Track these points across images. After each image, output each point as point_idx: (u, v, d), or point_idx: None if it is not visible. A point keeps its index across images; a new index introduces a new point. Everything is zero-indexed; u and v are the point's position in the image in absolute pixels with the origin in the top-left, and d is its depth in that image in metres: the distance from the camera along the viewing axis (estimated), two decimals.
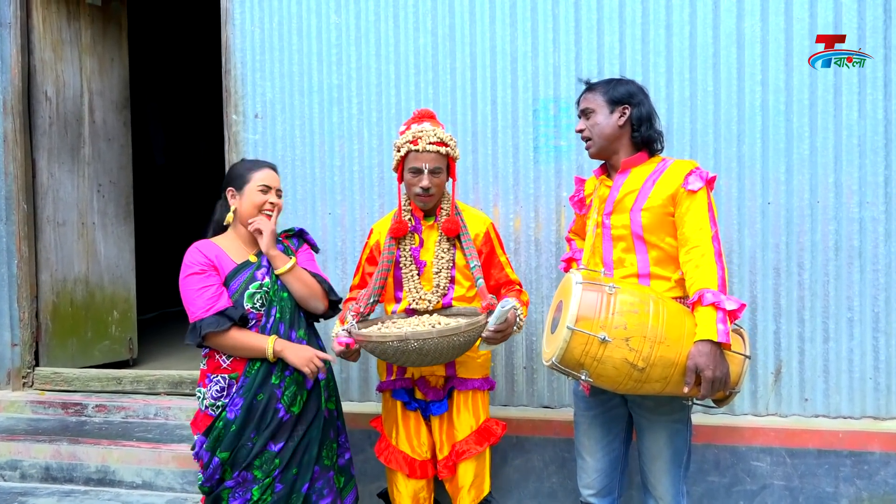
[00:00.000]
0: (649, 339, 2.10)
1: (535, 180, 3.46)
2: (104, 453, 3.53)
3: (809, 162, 3.19)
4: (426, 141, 2.67)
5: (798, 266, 3.22)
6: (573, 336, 2.10)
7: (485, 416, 2.87)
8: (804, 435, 3.15)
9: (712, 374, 2.09)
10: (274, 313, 2.65)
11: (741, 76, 3.24)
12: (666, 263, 2.36)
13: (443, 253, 2.79)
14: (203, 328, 2.50)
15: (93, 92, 4.58)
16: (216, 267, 2.59)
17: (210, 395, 2.62)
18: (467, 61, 3.53)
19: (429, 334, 2.39)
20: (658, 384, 2.14)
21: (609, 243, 2.44)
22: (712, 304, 2.15)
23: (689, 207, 2.29)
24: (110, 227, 4.71)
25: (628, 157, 2.42)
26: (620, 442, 2.56)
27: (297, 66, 3.74)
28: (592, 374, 2.14)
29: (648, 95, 2.46)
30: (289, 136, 3.76)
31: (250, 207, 2.64)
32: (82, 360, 4.51)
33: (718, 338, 2.10)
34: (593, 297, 2.13)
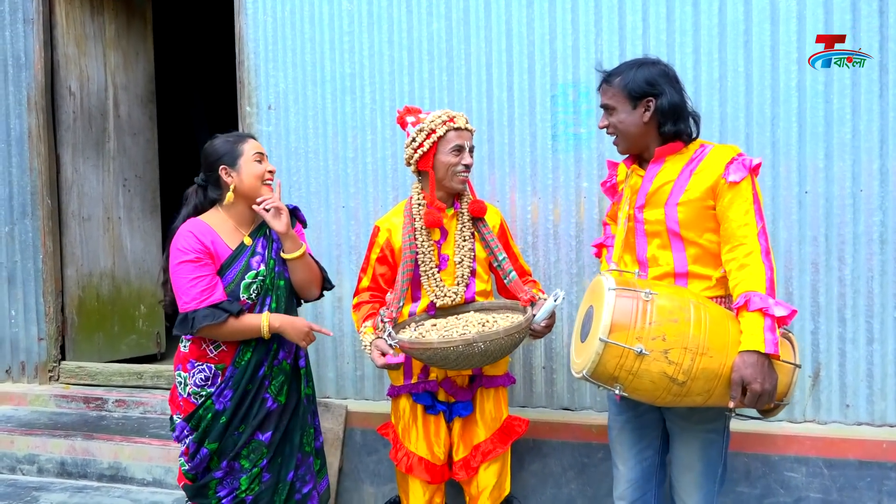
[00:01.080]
0: (690, 351, 1.91)
1: (553, 170, 3.28)
2: (116, 450, 3.51)
3: (851, 147, 2.92)
4: (464, 120, 2.63)
5: (839, 260, 2.95)
6: (606, 349, 1.93)
7: (507, 412, 2.77)
8: (844, 444, 2.89)
9: (760, 387, 1.91)
10: (269, 302, 2.56)
11: (775, 54, 2.98)
12: (706, 261, 2.16)
13: (464, 242, 2.67)
14: (197, 321, 2.39)
15: (117, 86, 4.58)
16: (212, 254, 2.46)
17: (194, 382, 2.53)
18: (482, 46, 3.36)
19: (496, 334, 2.30)
20: (700, 397, 1.96)
21: (643, 239, 2.25)
22: (760, 310, 1.95)
23: (732, 201, 2.08)
24: (136, 222, 4.72)
25: (661, 147, 2.21)
26: (655, 451, 2.37)
27: (310, 56, 3.64)
28: (627, 388, 1.97)
29: (675, 77, 2.23)
30: (302, 128, 3.67)
31: (252, 180, 2.50)
32: (109, 355, 4.53)
33: (766, 348, 1.91)
34: (628, 305, 1.94)
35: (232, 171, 2.50)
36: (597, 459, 3.16)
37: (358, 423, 3.50)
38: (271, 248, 2.58)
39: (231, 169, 2.50)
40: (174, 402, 2.64)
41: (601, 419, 3.18)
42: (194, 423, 2.53)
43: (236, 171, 2.50)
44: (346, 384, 3.63)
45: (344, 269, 3.60)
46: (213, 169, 2.53)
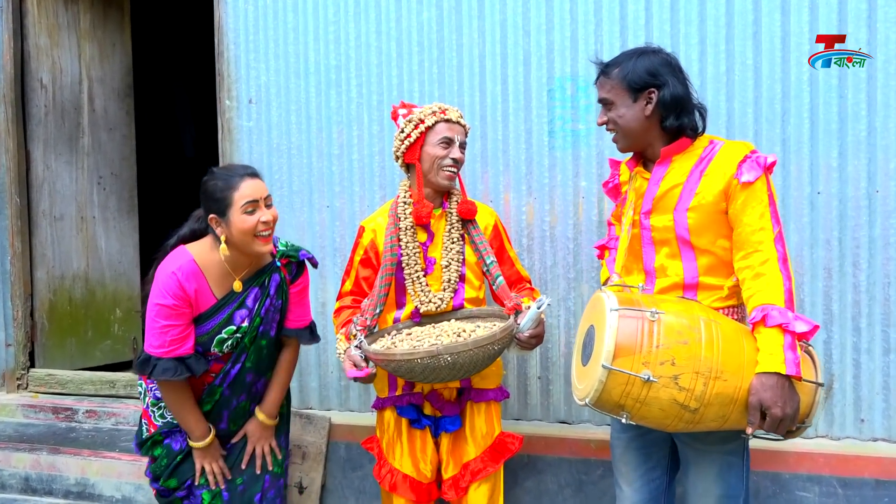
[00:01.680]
0: (703, 375, 1.74)
1: (550, 168, 3.09)
2: (84, 465, 3.30)
3: (867, 145, 2.74)
4: (456, 113, 2.47)
5: (853, 266, 2.77)
6: (610, 376, 1.75)
7: (499, 429, 2.58)
8: (859, 462, 2.71)
9: (781, 411, 1.74)
10: (243, 360, 2.39)
11: (786, 46, 2.80)
12: (718, 270, 1.98)
13: (452, 244, 2.49)
14: (158, 371, 2.24)
15: (92, 79, 4.36)
16: (191, 304, 2.27)
17: (153, 394, 2.43)
18: (475, 37, 3.17)
19: (464, 346, 2.10)
20: (714, 423, 1.79)
21: (650, 247, 2.06)
22: (779, 326, 1.77)
23: (746, 203, 1.90)
24: (112, 222, 4.50)
25: (667, 146, 2.02)
26: (663, 471, 2.19)
27: (293, 46, 3.44)
28: (635, 416, 1.80)
29: (678, 66, 2.05)
30: (284, 123, 3.47)
31: (241, 235, 2.25)
32: (82, 361, 4.32)
33: (787, 369, 1.74)
34: (632, 326, 1.77)
35: (222, 222, 2.27)
36: (595, 476, 2.97)
37: (342, 436, 3.30)
38: (263, 304, 2.38)
39: (221, 220, 2.27)
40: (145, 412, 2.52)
41: (600, 433, 2.99)
42: (145, 451, 2.44)
43: (226, 222, 2.26)
44: (329, 394, 3.43)
45: (328, 273, 3.40)
46: (206, 214, 2.32)
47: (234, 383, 2.40)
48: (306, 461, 3.29)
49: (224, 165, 2.51)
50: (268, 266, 2.42)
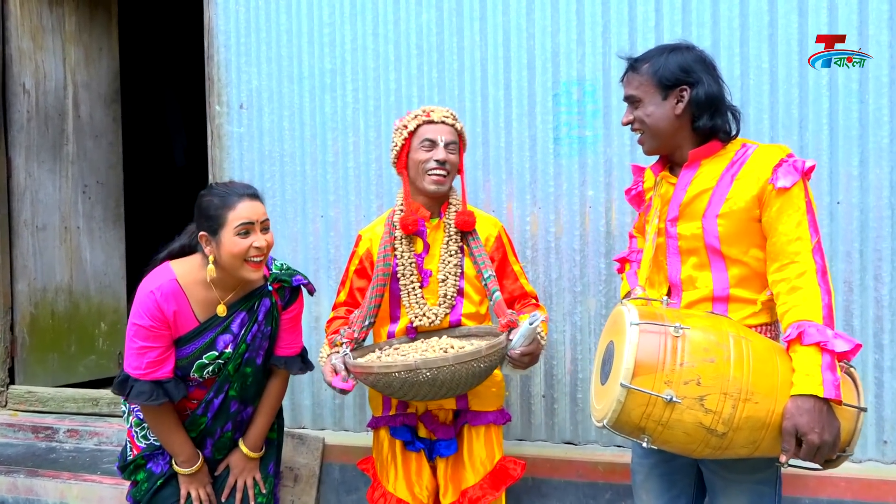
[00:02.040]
0: (731, 396, 1.59)
1: (555, 177, 2.95)
2: (63, 489, 3.13)
3: (889, 152, 2.61)
4: (440, 113, 2.32)
5: (875, 279, 2.64)
6: (629, 396, 1.61)
7: (500, 454, 2.42)
8: (883, 486, 2.57)
9: (819, 438, 1.58)
10: (227, 390, 2.25)
11: (803, 49, 2.67)
12: (750, 282, 1.83)
13: (449, 257, 2.35)
14: (134, 393, 2.11)
15: (78, 84, 4.21)
16: (171, 326, 2.14)
17: (136, 414, 2.30)
18: (476, 39, 3.03)
19: (444, 361, 1.98)
20: (744, 450, 1.64)
21: (675, 257, 1.92)
22: (817, 345, 1.62)
23: (782, 210, 1.75)
24: (97, 232, 4.34)
25: (696, 149, 1.88)
26: (688, 500, 2.04)
27: (286, 49, 3.30)
28: (657, 441, 1.65)
29: (712, 64, 1.91)
30: (277, 129, 3.32)
31: (231, 260, 2.11)
32: (65, 377, 4.15)
33: (825, 392, 1.58)
34: (654, 343, 1.63)
35: (212, 241, 2.13)
36: (604, 501, 2.82)
37: (336, 457, 3.14)
38: (250, 329, 2.23)
39: (211, 238, 2.13)
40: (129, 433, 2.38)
41: (608, 455, 2.85)
42: (127, 475, 2.31)
43: (216, 242, 2.12)
44: (323, 413, 3.27)
45: (322, 286, 3.25)
46: (197, 230, 2.18)
47: (218, 413, 2.26)
48: (298, 484, 3.12)
49: (225, 182, 2.36)
50: (258, 290, 2.27)
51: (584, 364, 2.92)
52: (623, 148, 2.85)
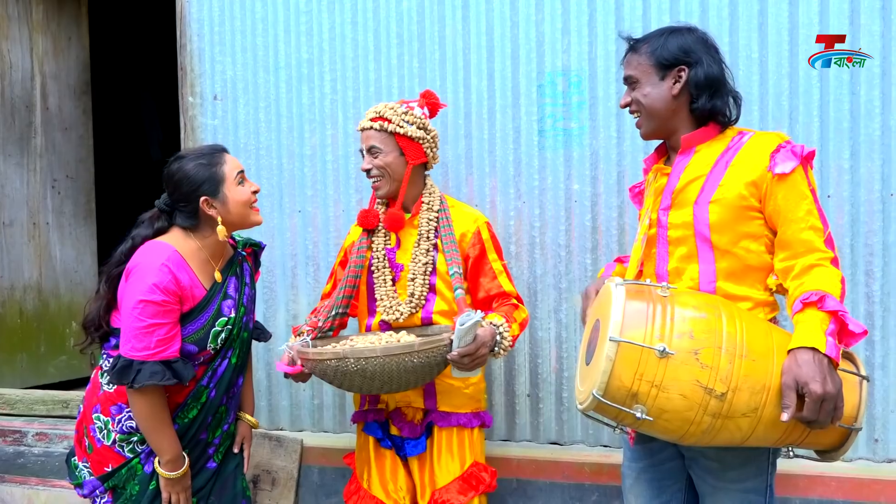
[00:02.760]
0: (727, 352, 1.52)
1: (539, 170, 2.87)
2: (31, 495, 3.02)
3: (881, 145, 2.56)
4: (365, 118, 2.30)
5: (866, 275, 2.59)
6: (620, 351, 1.51)
7: (472, 458, 2.34)
8: (874, 485, 2.52)
9: (822, 388, 1.48)
10: (230, 356, 2.19)
11: (793, 40, 2.61)
12: (740, 276, 1.75)
13: (420, 255, 2.30)
14: (143, 375, 1.97)
15: (46, 75, 4.08)
16: (183, 298, 2.06)
17: (120, 429, 2.11)
18: (459, 28, 2.94)
19: (371, 352, 1.98)
20: (745, 420, 1.53)
21: (664, 248, 1.84)
22: (832, 312, 1.55)
23: (787, 198, 1.68)
24: (67, 228, 4.21)
25: (689, 134, 1.82)
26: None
27: (262, 39, 3.19)
28: (652, 409, 1.53)
29: (714, 46, 1.85)
30: (252, 121, 3.21)
31: (240, 208, 2.14)
32: (34, 378, 4.02)
33: (826, 349, 1.51)
34: (642, 301, 1.58)
35: (215, 202, 2.11)
36: (590, 503, 2.75)
37: (315, 459, 3.05)
38: (243, 292, 2.23)
39: (214, 199, 2.11)
40: (81, 447, 2.19)
41: (595, 456, 2.78)
42: (112, 485, 2.12)
43: (220, 200, 2.11)
44: (301, 414, 3.18)
45: (300, 283, 3.15)
46: (190, 199, 2.11)
47: (220, 382, 2.19)
48: (276, 487, 3.03)
49: (189, 149, 2.34)
50: (235, 255, 2.30)
51: (570, 362, 2.85)
52: (609, 141, 2.77)
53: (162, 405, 2.06)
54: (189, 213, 2.14)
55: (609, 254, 2.78)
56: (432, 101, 2.39)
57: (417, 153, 2.31)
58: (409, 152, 2.29)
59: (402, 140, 2.29)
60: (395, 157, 2.29)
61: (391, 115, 2.27)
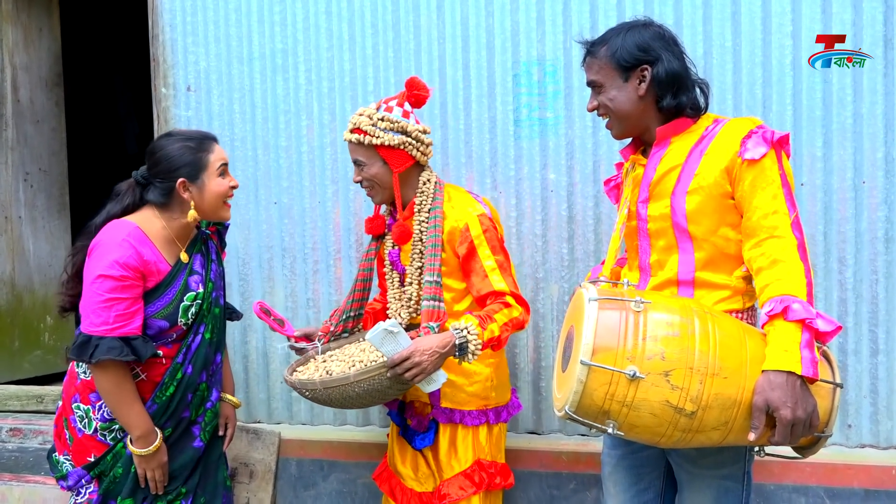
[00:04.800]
0: (698, 372, 1.51)
1: (516, 160, 2.86)
2: (4, 490, 2.98)
3: (853, 133, 2.57)
4: (347, 130, 2.28)
5: (839, 262, 2.61)
6: (591, 374, 1.52)
7: (476, 456, 2.32)
8: (848, 471, 2.54)
9: (792, 413, 1.50)
10: (202, 331, 2.20)
11: (766, 28, 2.62)
12: (719, 265, 1.75)
13: (416, 259, 2.29)
14: (100, 350, 1.98)
15: (16, 67, 3.98)
16: (144, 274, 2.07)
17: (100, 416, 2.13)
18: (434, 17, 2.93)
19: (312, 384, 2.09)
20: (716, 433, 1.55)
21: (646, 241, 1.85)
22: (801, 321, 1.54)
23: (755, 183, 1.67)
24: (41, 222, 4.13)
25: (663, 126, 1.81)
26: (656, 494, 1.98)
27: (235, 29, 3.16)
28: (623, 426, 1.56)
29: (673, 39, 1.83)
30: (227, 112, 3.18)
31: (214, 198, 2.17)
32: (8, 374, 3.95)
33: (803, 370, 1.51)
34: (614, 319, 1.55)
35: (191, 186, 2.15)
36: (568, 491, 2.76)
37: (293, 452, 3.03)
38: (209, 269, 2.25)
39: (191, 184, 2.15)
40: (61, 440, 2.19)
41: (572, 444, 2.79)
42: (97, 473, 2.12)
43: (197, 186, 2.15)
44: (279, 406, 3.16)
45: (276, 275, 3.13)
46: (168, 178, 2.15)
47: (195, 357, 2.21)
48: (254, 480, 3.01)
49: (180, 130, 2.40)
50: (199, 234, 2.32)
51: (547, 353, 2.85)
52: (585, 130, 2.77)
53: (126, 381, 2.07)
54: (163, 191, 2.16)
55: (585, 243, 2.79)
56: (415, 92, 2.27)
57: (401, 159, 2.24)
58: (392, 160, 2.23)
59: (382, 150, 2.22)
60: (378, 167, 2.25)
61: (367, 126, 2.21)
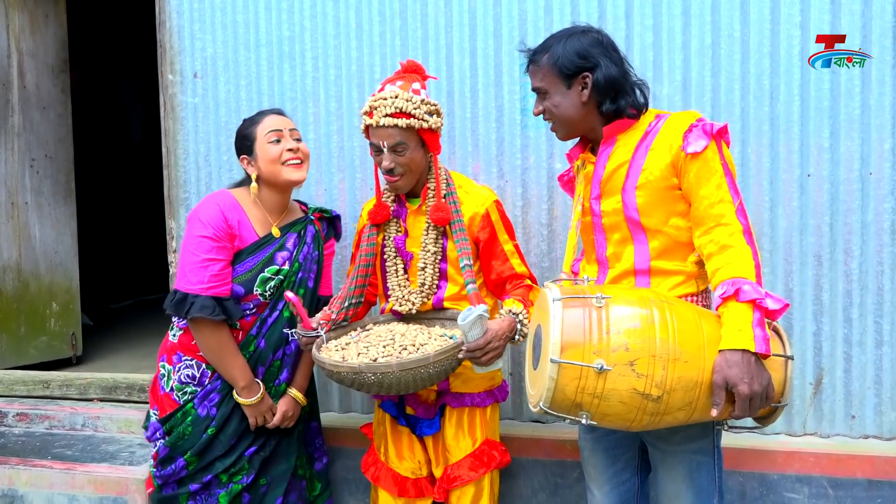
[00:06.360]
0: (661, 358, 1.59)
1: (522, 149, 2.86)
2: (12, 474, 2.99)
3: (860, 124, 2.57)
4: (381, 113, 2.16)
5: (845, 253, 2.61)
6: (561, 371, 1.59)
7: (484, 436, 2.37)
8: (851, 461, 2.55)
9: (749, 388, 1.58)
10: (281, 308, 2.28)
11: (775, 18, 2.61)
12: (672, 253, 1.83)
13: (430, 244, 2.28)
14: (195, 308, 2.13)
15: (23, 53, 3.99)
16: (233, 236, 2.21)
17: (178, 378, 2.28)
18: (441, 5, 2.92)
19: (387, 367, 1.97)
20: (682, 413, 1.63)
21: (601, 236, 1.92)
22: (751, 302, 1.61)
23: (699, 175, 1.74)
24: (47, 208, 4.14)
25: (608, 125, 1.87)
26: (633, 473, 2.06)
27: (242, 16, 3.15)
28: (595, 415, 1.63)
29: (611, 44, 1.89)
30: (233, 99, 3.18)
31: (269, 165, 2.29)
32: (14, 359, 3.98)
33: (756, 347, 1.58)
34: (578, 316, 1.62)
35: (251, 160, 2.34)
36: (571, 479, 2.77)
37: None
38: (301, 250, 2.31)
39: (250, 157, 2.34)
40: (154, 395, 2.35)
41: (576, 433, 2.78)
42: (169, 427, 2.27)
43: (254, 158, 2.33)
44: None
45: None
46: (239, 157, 2.39)
47: (270, 334, 2.31)
48: None
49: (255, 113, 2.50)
50: (302, 217, 2.44)
51: None
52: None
53: (226, 337, 2.22)
54: (244, 170, 2.37)
55: None
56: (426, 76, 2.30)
57: (437, 142, 2.27)
58: (431, 144, 2.24)
59: (424, 133, 2.21)
60: (419, 152, 2.23)
61: (413, 109, 2.16)
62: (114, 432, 3.30)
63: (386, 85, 2.23)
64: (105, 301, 6.19)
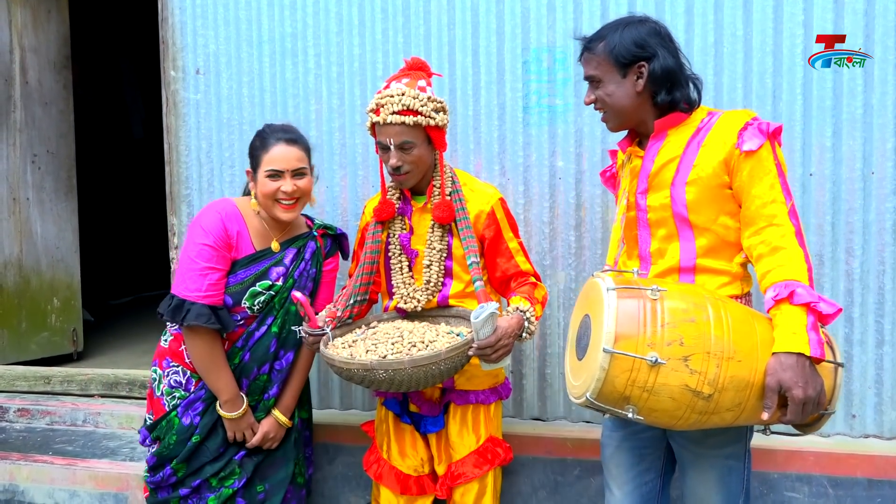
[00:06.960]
0: (715, 356, 1.56)
1: (524, 147, 2.86)
2: (13, 469, 2.99)
3: (863, 123, 2.57)
4: (388, 111, 2.14)
5: (846, 252, 2.61)
6: (613, 362, 1.56)
7: (488, 433, 2.37)
8: (851, 460, 2.55)
9: (803, 392, 1.55)
10: (269, 323, 2.26)
11: (778, 17, 2.61)
12: (719, 252, 1.80)
13: (435, 242, 2.27)
14: (192, 315, 2.13)
15: (25, 49, 3.99)
16: (232, 247, 2.21)
17: (167, 382, 2.29)
18: (444, 3, 2.92)
19: (399, 364, 1.97)
20: (730, 413, 1.60)
21: (646, 231, 1.88)
22: (805, 305, 1.59)
23: (752, 174, 1.72)
24: (48, 204, 4.15)
25: (660, 119, 1.85)
26: (657, 474, 2.02)
27: (245, 12, 3.15)
28: (642, 410, 1.60)
29: (668, 35, 1.87)
30: (235, 96, 3.18)
31: (264, 199, 2.27)
32: (15, 355, 3.98)
33: (811, 351, 1.55)
34: (633, 307, 1.59)
35: (254, 177, 2.32)
36: (572, 477, 2.78)
37: None
38: (297, 266, 2.30)
39: (253, 175, 2.32)
40: (150, 398, 2.36)
41: (577, 431, 2.80)
42: (156, 436, 2.28)
43: (255, 179, 2.31)
44: None
45: None
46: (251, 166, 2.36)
47: (256, 348, 2.29)
48: None
49: (276, 124, 2.44)
50: (305, 233, 2.42)
51: (553, 339, 2.86)
52: (594, 118, 2.76)
53: (217, 347, 2.22)
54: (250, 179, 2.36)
55: (592, 230, 2.79)
56: (431, 74, 2.30)
57: (443, 140, 2.26)
58: (437, 142, 2.24)
59: (431, 131, 2.21)
60: (425, 149, 2.23)
61: (420, 107, 2.15)
62: (114, 428, 3.31)
63: (391, 82, 2.22)
64: (106, 297, 6.20)
